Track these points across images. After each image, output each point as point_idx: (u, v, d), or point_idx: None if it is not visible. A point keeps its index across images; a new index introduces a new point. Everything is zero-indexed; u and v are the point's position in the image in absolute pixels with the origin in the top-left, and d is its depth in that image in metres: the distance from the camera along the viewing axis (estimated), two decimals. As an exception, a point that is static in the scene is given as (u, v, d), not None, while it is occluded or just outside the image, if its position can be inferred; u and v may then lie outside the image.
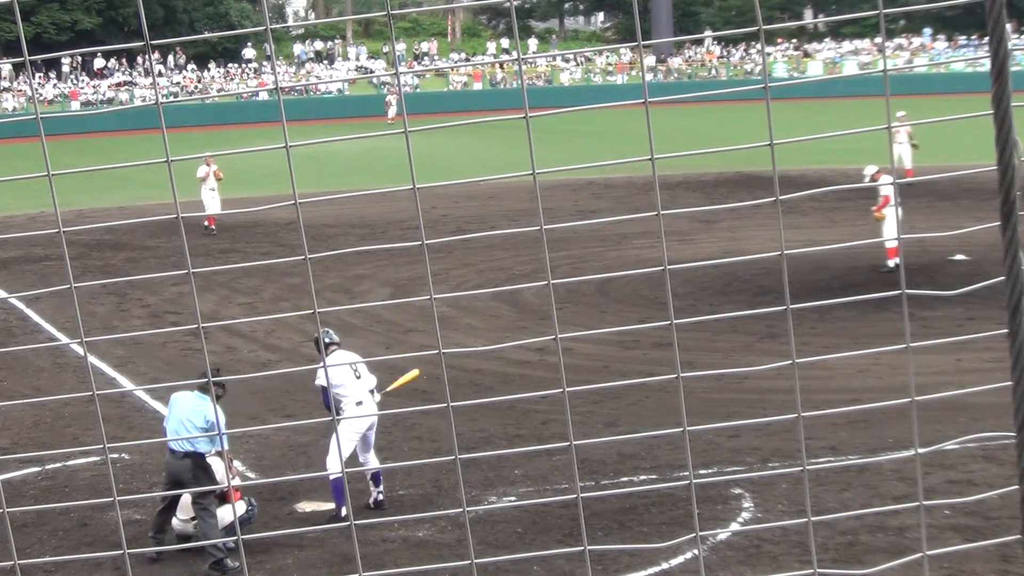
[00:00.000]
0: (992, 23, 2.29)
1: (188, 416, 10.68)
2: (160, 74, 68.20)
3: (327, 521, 11.38)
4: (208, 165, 28.45)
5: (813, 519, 2.95)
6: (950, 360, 14.98)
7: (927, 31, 76.69)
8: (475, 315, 19.87)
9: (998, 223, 2.36)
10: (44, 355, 18.19)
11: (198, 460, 10.69)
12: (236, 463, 12.73)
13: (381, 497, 11.71)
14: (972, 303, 17.46)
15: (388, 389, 12.12)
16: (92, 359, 17.50)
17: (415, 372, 12.56)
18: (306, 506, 11.90)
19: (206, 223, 29.43)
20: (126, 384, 16.30)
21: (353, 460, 11.68)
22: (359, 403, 11.53)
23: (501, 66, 71.48)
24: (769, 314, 9.98)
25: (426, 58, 76.66)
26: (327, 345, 11.71)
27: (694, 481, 2.96)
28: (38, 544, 11.06)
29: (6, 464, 13.05)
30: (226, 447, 10.46)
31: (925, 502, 2.87)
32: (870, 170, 21.72)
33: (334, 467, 11.26)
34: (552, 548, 10.31)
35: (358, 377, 11.70)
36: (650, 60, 73.78)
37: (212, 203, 28.36)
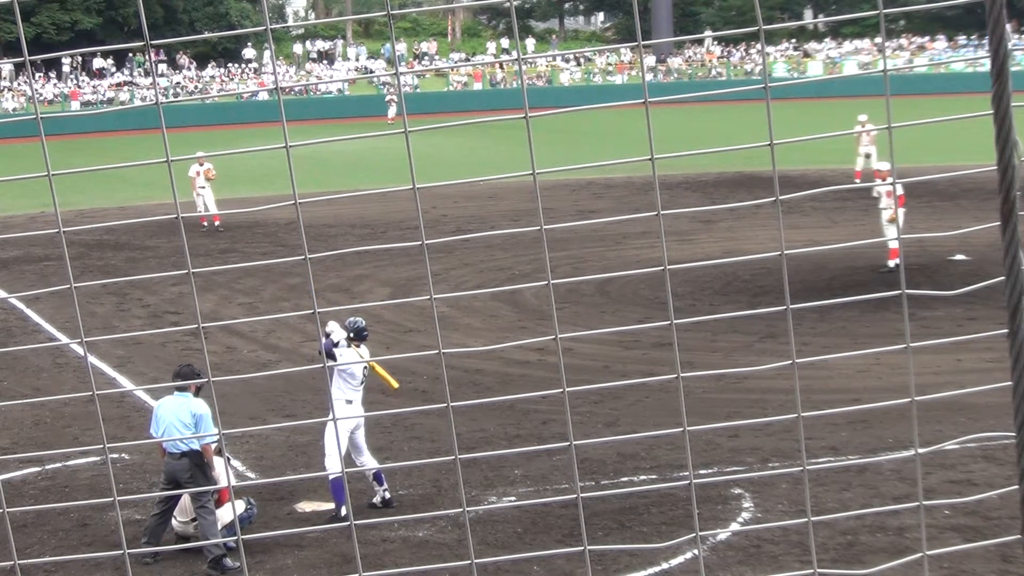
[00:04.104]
0: (992, 23, 2.29)
1: (177, 416, 10.71)
2: (161, 74, 68.23)
3: (327, 521, 11.39)
4: (200, 165, 28.46)
5: (813, 519, 2.95)
6: (950, 360, 14.98)
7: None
8: (475, 315, 19.87)
9: (998, 223, 2.36)
10: (44, 355, 18.19)
11: (195, 458, 10.72)
12: (232, 459, 12.75)
13: (388, 495, 11.72)
14: (972, 303, 17.46)
15: (375, 365, 12.15)
16: (92, 359, 17.50)
17: (395, 384, 12.58)
18: (306, 506, 11.90)
19: (204, 222, 29.45)
20: (126, 384, 16.30)
21: (349, 463, 11.68)
22: (349, 402, 11.53)
23: (501, 66, 71.48)
24: (769, 314, 9.98)
25: (426, 58, 76.67)
26: (359, 335, 11.72)
27: (694, 481, 2.96)
28: (38, 544, 11.06)
29: (6, 464, 13.05)
30: (212, 429, 10.49)
31: (925, 502, 2.87)
32: (883, 165, 22.08)
33: (333, 467, 11.27)
34: (552, 548, 10.31)
35: (362, 382, 11.70)
36: (650, 60, 73.78)
37: (204, 201, 28.44)
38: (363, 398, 11.83)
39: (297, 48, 76.05)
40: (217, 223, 29.46)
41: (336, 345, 11.56)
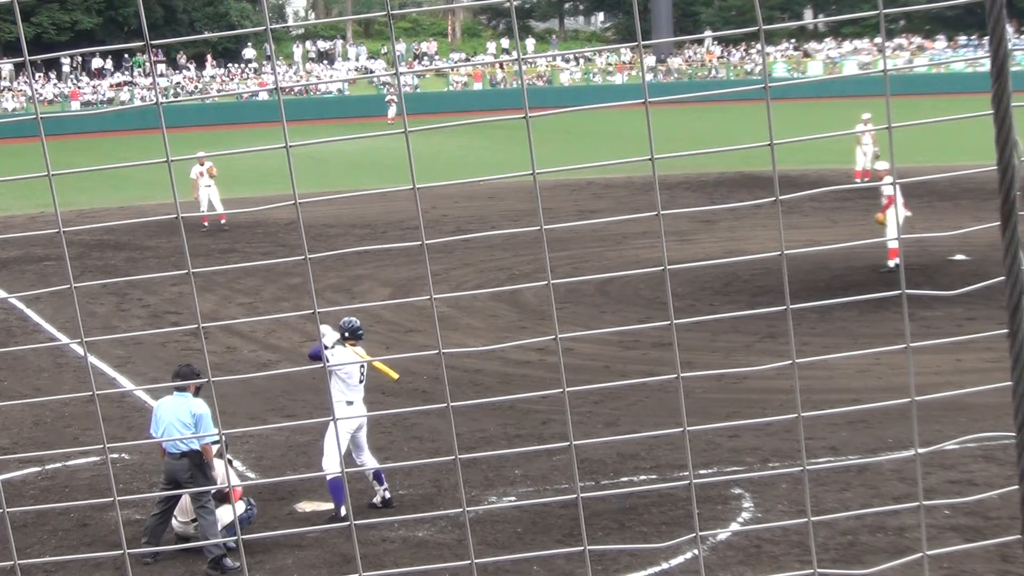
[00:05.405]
0: (992, 23, 2.29)
1: (176, 416, 10.71)
2: (161, 74, 68.23)
3: (327, 521, 11.39)
4: (201, 165, 28.52)
5: (813, 519, 2.95)
6: (950, 360, 14.98)
7: None
8: (475, 315, 19.87)
9: (998, 223, 2.36)
10: (44, 355, 18.19)
11: (195, 458, 10.72)
12: (233, 460, 12.76)
13: (388, 495, 11.71)
14: (972, 303, 17.46)
15: (373, 360, 12.19)
16: (92, 359, 17.50)
17: (395, 375, 12.66)
18: (306, 506, 11.90)
19: (205, 222, 29.51)
20: (126, 384, 16.30)
21: (349, 462, 11.68)
22: (350, 403, 11.52)
23: (501, 66, 71.49)
24: (769, 314, 9.98)
25: (425, 58, 76.67)
26: (354, 334, 11.73)
27: (694, 481, 2.96)
28: (38, 544, 11.06)
29: (6, 464, 13.05)
30: (212, 429, 10.50)
31: (925, 502, 2.87)
32: (882, 165, 22.28)
33: (331, 467, 11.26)
34: (552, 548, 10.30)
35: (361, 381, 11.70)
36: (650, 60, 73.79)
37: (209, 199, 28.50)
38: (363, 397, 11.82)
39: (297, 49, 76.00)
40: (223, 221, 29.60)
41: (327, 348, 11.53)
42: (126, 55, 70.43)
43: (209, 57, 71.66)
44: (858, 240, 21.29)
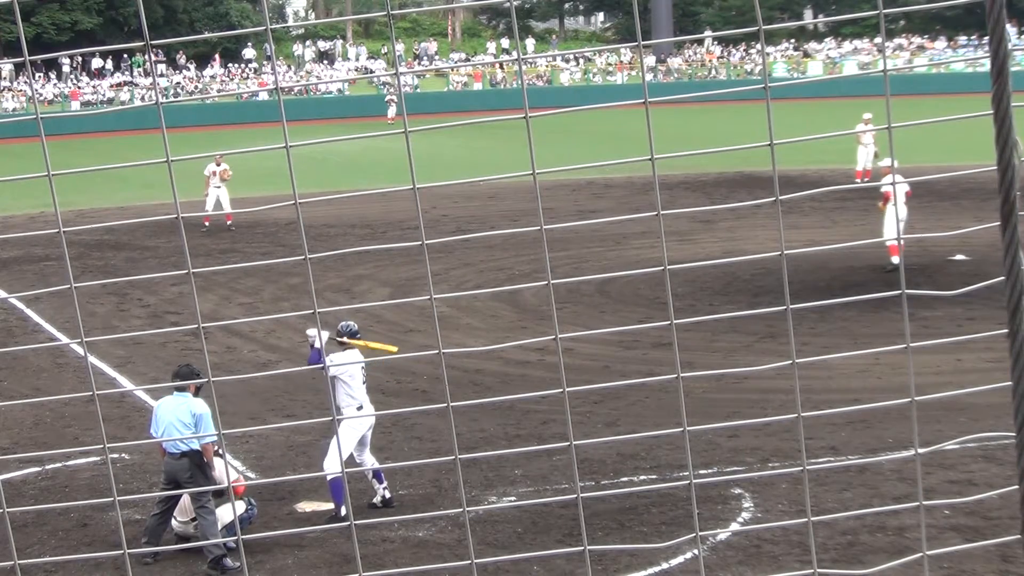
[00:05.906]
0: (992, 23, 2.29)
1: (176, 415, 10.70)
2: (161, 74, 68.24)
3: (327, 521, 11.39)
4: (217, 164, 28.56)
5: (813, 519, 2.95)
6: (950, 360, 14.98)
7: None
8: (475, 315, 19.87)
9: (998, 223, 2.36)
10: (44, 355, 18.18)
11: (195, 458, 10.72)
12: (232, 460, 12.76)
13: (388, 494, 11.71)
14: (972, 303, 17.46)
15: (367, 343, 12.10)
16: (92, 359, 17.49)
17: (393, 349, 12.54)
18: (306, 506, 11.90)
19: (207, 222, 29.55)
20: (126, 384, 16.30)
21: (350, 460, 11.68)
22: (360, 407, 11.52)
23: (501, 66, 71.50)
24: (769, 314, 9.98)
25: (425, 58, 76.66)
26: (353, 336, 11.69)
27: (694, 481, 2.96)
28: (38, 544, 11.06)
29: (6, 464, 13.05)
30: (212, 429, 10.50)
31: (925, 502, 2.87)
32: (884, 163, 22.57)
33: (332, 467, 11.26)
34: (552, 548, 10.30)
35: (364, 382, 11.70)
36: (650, 60, 73.80)
37: (218, 198, 28.54)
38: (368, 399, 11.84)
39: (304, 50, 75.98)
40: (229, 222, 29.68)
41: (323, 353, 11.51)
42: (126, 55, 70.47)
43: (217, 56, 71.74)
44: (858, 240, 21.30)
